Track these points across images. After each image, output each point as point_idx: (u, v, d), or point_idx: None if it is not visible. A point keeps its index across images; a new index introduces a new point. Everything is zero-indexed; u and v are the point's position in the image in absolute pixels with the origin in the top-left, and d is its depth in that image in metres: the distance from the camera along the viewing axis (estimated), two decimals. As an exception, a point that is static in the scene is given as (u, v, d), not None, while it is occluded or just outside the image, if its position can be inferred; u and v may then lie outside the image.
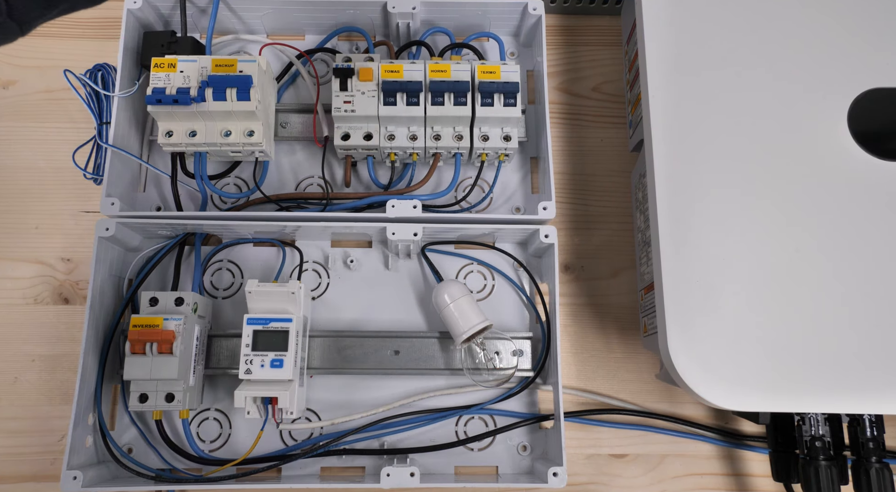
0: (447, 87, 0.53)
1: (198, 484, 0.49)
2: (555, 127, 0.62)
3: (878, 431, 0.47)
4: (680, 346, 0.42)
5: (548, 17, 0.65)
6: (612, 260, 0.60)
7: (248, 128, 0.53)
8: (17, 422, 0.54)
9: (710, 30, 0.49)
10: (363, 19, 0.60)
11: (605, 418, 0.56)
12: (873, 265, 0.44)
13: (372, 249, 0.58)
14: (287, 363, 0.49)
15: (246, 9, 0.59)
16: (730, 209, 0.45)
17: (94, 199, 0.59)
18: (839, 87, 0.47)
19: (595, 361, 0.57)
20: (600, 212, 0.61)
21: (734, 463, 0.55)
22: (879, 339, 0.43)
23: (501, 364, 0.54)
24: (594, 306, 0.59)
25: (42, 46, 0.63)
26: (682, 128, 0.47)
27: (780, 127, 0.47)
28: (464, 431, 0.55)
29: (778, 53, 0.48)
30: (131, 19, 0.56)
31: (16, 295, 0.57)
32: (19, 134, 0.61)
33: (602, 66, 0.64)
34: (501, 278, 0.58)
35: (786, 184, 0.45)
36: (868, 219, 0.45)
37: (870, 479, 0.46)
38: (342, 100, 0.53)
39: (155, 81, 0.51)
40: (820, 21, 0.49)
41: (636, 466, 0.55)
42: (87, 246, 0.52)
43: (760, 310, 0.43)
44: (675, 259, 0.44)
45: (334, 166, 0.60)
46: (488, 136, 0.55)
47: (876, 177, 0.46)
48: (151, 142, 0.59)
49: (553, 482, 0.48)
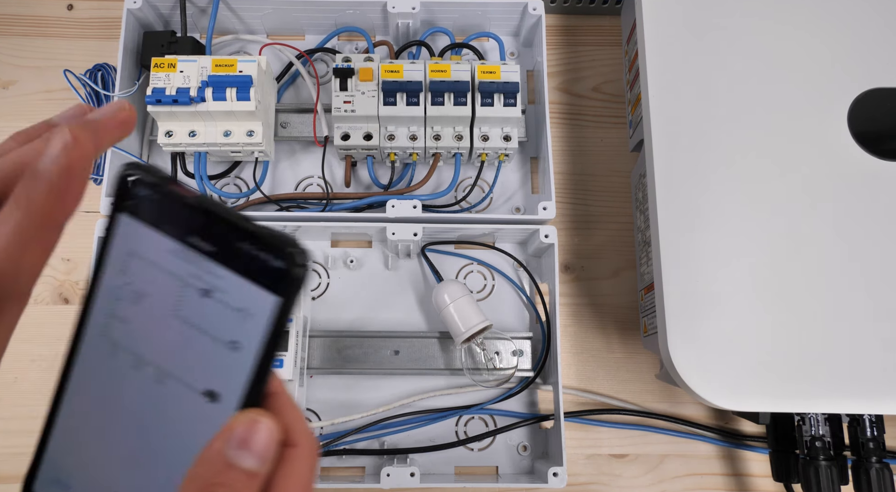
0: (447, 87, 0.53)
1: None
2: (555, 127, 0.62)
3: (878, 431, 0.47)
4: (680, 346, 0.43)
5: (548, 17, 0.65)
6: (612, 260, 0.60)
7: (248, 128, 0.53)
8: (18, 422, 0.54)
9: (710, 30, 0.49)
10: (363, 19, 0.60)
11: (605, 418, 0.56)
12: (873, 265, 0.44)
13: (372, 249, 0.58)
14: (287, 363, 0.49)
15: (246, 9, 0.59)
16: (730, 209, 0.45)
17: (94, 199, 0.59)
18: (839, 87, 0.47)
19: (595, 362, 0.57)
20: (600, 212, 0.61)
21: (734, 463, 0.55)
22: (880, 339, 0.43)
23: (501, 364, 0.54)
24: (594, 306, 0.59)
25: (42, 46, 0.63)
26: (682, 128, 0.47)
27: (780, 127, 0.47)
28: (464, 431, 0.55)
29: (778, 53, 0.48)
30: (131, 19, 0.56)
31: (16, 295, 0.57)
32: (19, 134, 0.61)
33: (602, 66, 0.64)
34: (501, 278, 0.58)
35: (786, 184, 0.45)
36: (868, 219, 0.45)
37: (870, 479, 0.46)
38: (342, 100, 0.53)
39: (155, 81, 0.51)
40: (820, 21, 0.49)
41: (636, 466, 0.55)
42: (87, 246, 0.52)
43: (760, 310, 0.43)
44: (675, 259, 0.44)
45: (334, 166, 0.60)
46: (488, 136, 0.55)
47: (876, 177, 0.46)
48: (151, 142, 0.59)
49: (553, 482, 0.48)
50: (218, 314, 0.21)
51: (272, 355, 0.21)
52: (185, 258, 0.21)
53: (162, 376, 0.22)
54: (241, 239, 0.20)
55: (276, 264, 0.20)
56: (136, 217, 0.21)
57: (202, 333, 0.21)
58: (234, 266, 0.21)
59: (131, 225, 0.22)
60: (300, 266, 0.20)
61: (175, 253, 0.21)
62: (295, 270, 0.20)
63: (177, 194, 0.21)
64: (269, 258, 0.20)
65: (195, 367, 0.21)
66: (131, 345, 0.22)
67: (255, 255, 0.20)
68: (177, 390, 0.22)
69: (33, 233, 0.21)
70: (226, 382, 0.21)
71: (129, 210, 0.22)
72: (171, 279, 0.21)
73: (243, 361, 0.21)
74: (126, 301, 0.22)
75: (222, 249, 0.21)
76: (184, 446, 0.22)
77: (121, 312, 0.22)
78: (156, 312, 0.22)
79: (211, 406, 0.21)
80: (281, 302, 0.20)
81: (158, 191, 0.21)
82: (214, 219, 0.21)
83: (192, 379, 0.21)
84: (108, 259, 0.22)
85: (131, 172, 0.21)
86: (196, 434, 0.21)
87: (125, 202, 0.22)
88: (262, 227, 0.20)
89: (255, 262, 0.20)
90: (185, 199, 0.21)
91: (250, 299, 0.21)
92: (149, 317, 0.22)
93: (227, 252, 0.21)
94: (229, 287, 0.21)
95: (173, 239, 0.21)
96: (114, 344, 0.22)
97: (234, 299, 0.21)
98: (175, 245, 0.21)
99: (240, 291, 0.21)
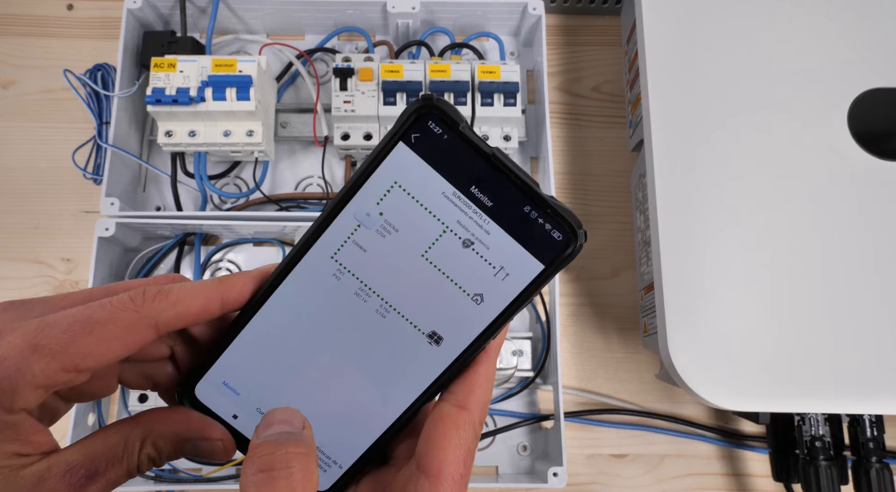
0: (447, 87, 0.53)
1: (197, 484, 0.49)
2: (555, 127, 0.62)
3: (878, 431, 0.47)
4: (680, 346, 0.42)
5: (548, 17, 0.65)
6: (612, 260, 0.60)
7: (247, 128, 0.53)
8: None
9: (710, 30, 0.49)
10: (363, 19, 0.60)
11: (605, 418, 0.56)
12: (873, 265, 0.44)
13: (372, 249, 0.58)
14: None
15: (246, 9, 0.59)
16: (730, 209, 0.45)
17: (94, 199, 0.59)
18: (839, 87, 0.47)
19: (595, 362, 0.57)
20: (600, 212, 0.61)
21: (734, 463, 0.55)
22: (880, 339, 0.43)
23: (501, 364, 0.54)
24: (594, 306, 0.59)
25: (42, 46, 0.63)
26: (682, 128, 0.47)
27: (780, 127, 0.47)
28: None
29: (778, 53, 0.48)
30: (131, 19, 0.56)
31: (16, 295, 0.57)
32: (19, 134, 0.61)
33: (602, 66, 0.64)
34: (501, 278, 0.58)
35: (786, 184, 0.45)
36: (868, 219, 0.45)
37: (870, 479, 0.46)
38: (342, 100, 0.53)
39: (155, 81, 0.51)
40: (820, 21, 0.49)
41: (636, 466, 0.55)
42: (87, 246, 0.52)
43: (761, 310, 0.43)
44: (675, 259, 0.44)
45: (334, 166, 0.60)
46: (488, 136, 0.55)
47: (876, 177, 0.46)
48: (151, 142, 0.59)
49: (553, 482, 0.48)
50: (473, 266, 0.21)
51: (511, 316, 0.22)
52: (458, 205, 0.21)
53: (386, 310, 0.22)
54: (527, 202, 0.20)
55: (555, 235, 0.20)
56: (415, 150, 0.21)
57: (448, 279, 0.21)
58: (508, 225, 0.21)
59: (407, 157, 0.21)
60: (579, 245, 0.21)
61: (448, 197, 0.21)
62: (572, 247, 0.20)
63: (469, 140, 0.20)
64: (550, 228, 0.20)
65: (429, 309, 0.22)
66: (362, 273, 0.22)
67: (535, 221, 0.20)
68: (398, 326, 0.22)
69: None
70: (456, 329, 0.21)
71: (410, 142, 0.21)
72: (432, 221, 0.21)
73: (482, 314, 0.21)
74: (371, 229, 0.21)
75: (501, 205, 0.20)
76: (386, 379, 0.22)
77: (361, 239, 0.21)
78: (402, 247, 0.21)
79: (431, 348, 0.22)
80: (544, 271, 0.21)
81: (450, 131, 0.20)
82: (504, 175, 0.20)
83: (421, 320, 0.22)
84: (368, 183, 0.21)
85: (427, 104, 0.20)
86: (405, 371, 0.22)
87: (410, 132, 0.21)
88: (551, 197, 0.21)
89: (533, 227, 0.20)
90: (477, 146, 0.20)
91: (514, 261, 0.21)
92: (393, 250, 0.21)
93: (505, 210, 0.20)
94: (495, 244, 0.21)
95: (451, 183, 0.21)
96: (342, 267, 0.22)
97: (496, 256, 0.21)
98: (451, 189, 0.21)
99: (505, 250, 0.21)
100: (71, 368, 0.20)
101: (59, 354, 0.19)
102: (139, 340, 0.21)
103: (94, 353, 0.20)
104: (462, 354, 0.22)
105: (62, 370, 0.19)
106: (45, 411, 0.22)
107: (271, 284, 0.22)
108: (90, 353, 0.20)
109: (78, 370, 0.20)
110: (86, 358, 0.20)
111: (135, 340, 0.21)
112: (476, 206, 0.20)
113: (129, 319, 0.20)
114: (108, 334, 0.20)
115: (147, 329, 0.21)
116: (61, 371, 0.19)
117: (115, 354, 0.20)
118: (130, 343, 0.21)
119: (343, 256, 0.22)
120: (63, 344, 0.19)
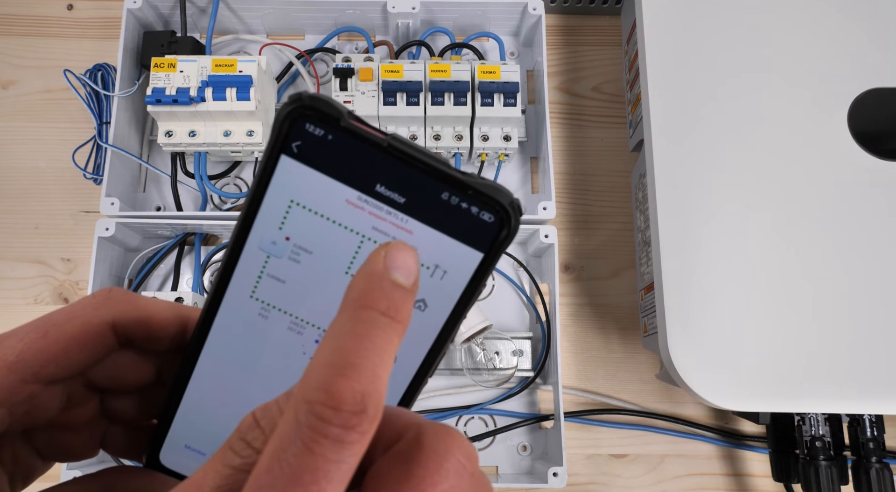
0: (447, 87, 0.53)
1: None
2: (555, 127, 0.62)
3: (878, 431, 0.47)
4: (680, 346, 0.42)
5: (548, 17, 0.65)
6: (612, 260, 0.60)
7: (248, 128, 0.53)
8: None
9: (711, 30, 0.49)
10: (363, 19, 0.60)
11: (605, 418, 0.56)
12: (873, 265, 0.44)
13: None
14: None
15: (246, 9, 0.59)
16: (729, 209, 0.45)
17: (94, 199, 0.59)
18: (839, 87, 0.47)
19: (595, 362, 0.57)
20: (600, 212, 0.61)
21: (734, 463, 0.55)
22: (879, 339, 0.43)
23: (501, 364, 0.54)
24: (594, 306, 0.59)
25: (42, 46, 0.63)
26: (682, 128, 0.47)
27: (780, 126, 0.47)
28: (464, 431, 0.55)
29: (778, 53, 0.48)
30: (131, 19, 0.56)
31: (16, 295, 0.57)
32: (19, 134, 0.61)
33: (602, 66, 0.64)
34: (501, 278, 0.58)
35: (786, 183, 0.45)
36: (868, 219, 0.45)
37: (870, 479, 0.46)
38: (342, 100, 0.53)
39: (155, 81, 0.51)
40: (820, 21, 0.49)
41: (636, 466, 0.55)
42: (87, 246, 0.52)
43: (761, 310, 0.43)
44: (675, 259, 0.44)
45: (334, 166, 0.60)
46: (488, 136, 0.55)
47: (876, 177, 0.46)
48: (151, 142, 0.59)
49: (553, 482, 0.48)
50: None
51: (462, 316, 0.19)
52: (367, 209, 0.18)
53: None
54: (442, 188, 0.18)
55: (485, 218, 0.18)
56: (302, 160, 0.18)
57: None
58: (429, 219, 0.18)
59: (295, 170, 0.18)
60: (514, 222, 0.18)
61: (353, 203, 0.18)
62: (507, 225, 0.18)
63: (357, 134, 0.17)
64: (477, 211, 0.18)
65: None
66: (288, 306, 0.20)
67: (458, 206, 0.18)
68: None
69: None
70: (405, 346, 0.18)
71: (293, 152, 0.18)
72: (345, 234, 0.18)
73: (430, 321, 0.19)
74: (282, 257, 0.19)
75: (416, 199, 0.18)
76: None
77: (275, 270, 0.19)
78: (322, 269, 0.19)
79: None
80: (485, 259, 0.18)
81: (333, 129, 0.17)
82: (408, 164, 0.17)
83: None
84: (263, 209, 0.18)
85: (298, 106, 0.17)
86: None
87: (289, 142, 0.18)
88: (469, 174, 0.18)
89: (457, 214, 0.18)
90: (368, 139, 0.17)
91: (448, 256, 0.18)
92: (313, 275, 0.19)
93: (422, 203, 0.18)
94: (421, 242, 0.18)
95: (352, 187, 0.18)
96: (265, 305, 0.20)
97: (427, 255, 0.18)
98: (354, 194, 0.18)
99: (434, 247, 0.18)
100: (30, 377, 0.18)
101: (14, 364, 0.18)
102: (96, 341, 0.20)
103: (52, 357, 0.19)
104: (420, 370, 0.20)
105: (21, 381, 0.18)
106: (17, 467, 0.20)
107: (198, 338, 0.21)
108: (48, 358, 0.19)
109: (38, 380, 0.19)
110: (45, 364, 0.19)
111: (92, 341, 0.19)
112: (388, 205, 0.18)
113: (85, 317, 0.19)
114: (63, 336, 0.19)
115: (103, 327, 0.20)
116: (20, 382, 0.18)
117: (75, 356, 0.19)
118: (88, 344, 0.19)
119: (262, 292, 0.20)
120: (18, 352, 0.18)
